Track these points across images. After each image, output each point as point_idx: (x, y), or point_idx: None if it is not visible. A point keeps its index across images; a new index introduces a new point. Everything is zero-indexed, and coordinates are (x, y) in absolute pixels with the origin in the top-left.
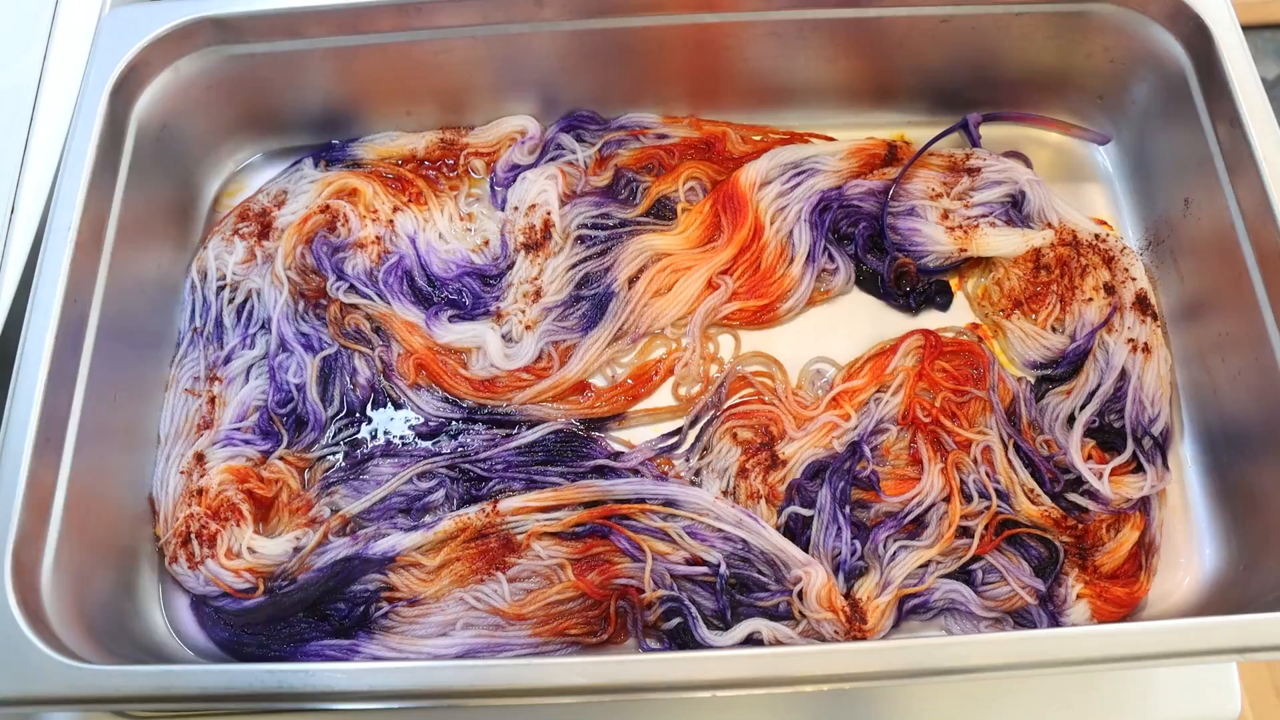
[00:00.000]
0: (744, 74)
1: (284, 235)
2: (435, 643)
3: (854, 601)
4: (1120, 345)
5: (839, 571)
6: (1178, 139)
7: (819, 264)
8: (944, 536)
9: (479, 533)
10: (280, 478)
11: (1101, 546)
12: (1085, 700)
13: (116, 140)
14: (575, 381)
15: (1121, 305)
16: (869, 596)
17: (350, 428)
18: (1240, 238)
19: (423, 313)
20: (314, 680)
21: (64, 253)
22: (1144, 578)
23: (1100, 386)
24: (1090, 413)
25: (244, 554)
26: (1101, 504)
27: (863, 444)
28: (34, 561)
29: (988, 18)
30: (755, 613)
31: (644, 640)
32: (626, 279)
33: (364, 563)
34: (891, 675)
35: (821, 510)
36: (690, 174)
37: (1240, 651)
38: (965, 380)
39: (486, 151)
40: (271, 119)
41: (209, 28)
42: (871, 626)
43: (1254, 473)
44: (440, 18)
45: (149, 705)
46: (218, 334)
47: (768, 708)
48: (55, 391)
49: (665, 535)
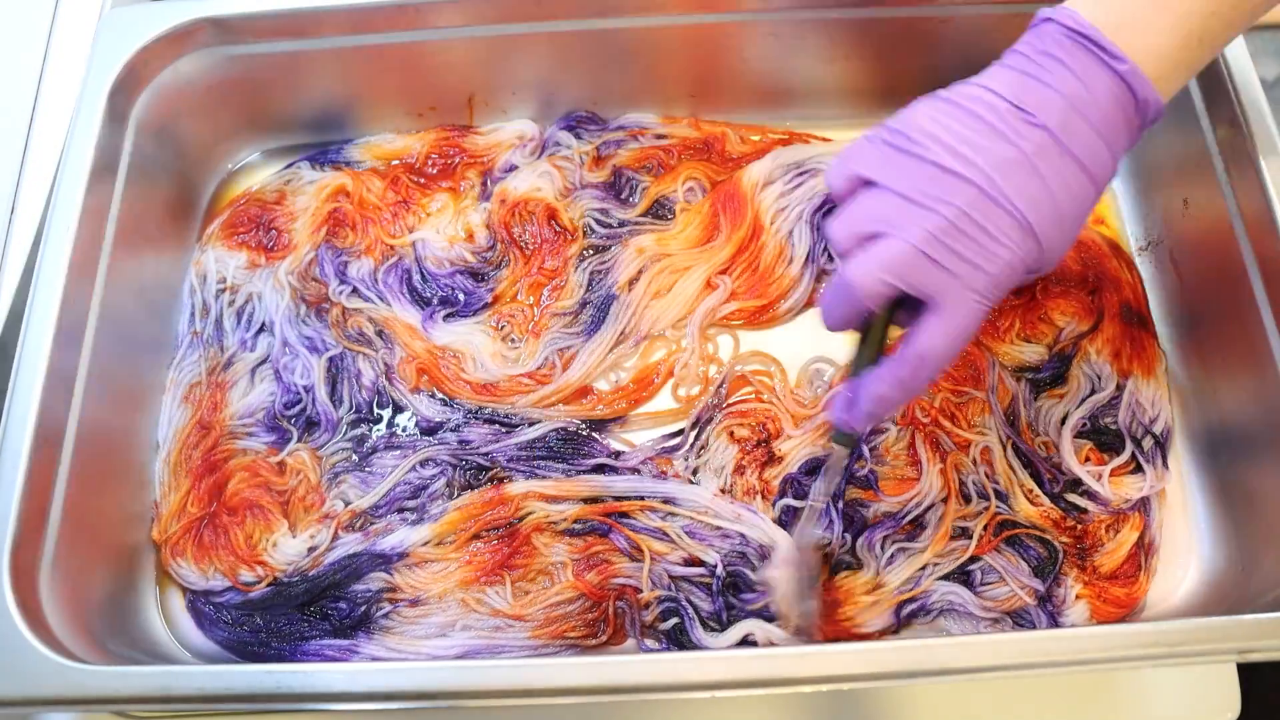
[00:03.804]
0: (744, 74)
1: (288, 241)
2: (434, 643)
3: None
4: (1108, 349)
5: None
6: (1176, 139)
7: (819, 264)
8: (939, 537)
9: (487, 524)
10: (302, 469)
11: (1101, 547)
12: (1084, 700)
13: (116, 140)
14: (578, 387)
15: (1109, 309)
16: (857, 591)
17: (360, 425)
18: (1240, 238)
19: (420, 313)
20: (313, 681)
21: (64, 253)
22: (1143, 578)
23: (1093, 393)
24: (1081, 415)
25: (267, 550)
26: (1101, 505)
27: (862, 443)
28: (32, 562)
29: (988, 18)
30: (746, 615)
31: (643, 641)
32: (627, 281)
33: (371, 558)
34: (891, 675)
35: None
36: (689, 174)
37: (1240, 652)
38: (964, 380)
39: (486, 154)
40: (270, 119)
41: (209, 28)
42: (850, 617)
43: (1253, 473)
44: (439, 18)
45: (148, 706)
46: (217, 336)
47: (767, 708)
48: (54, 392)
49: (664, 534)
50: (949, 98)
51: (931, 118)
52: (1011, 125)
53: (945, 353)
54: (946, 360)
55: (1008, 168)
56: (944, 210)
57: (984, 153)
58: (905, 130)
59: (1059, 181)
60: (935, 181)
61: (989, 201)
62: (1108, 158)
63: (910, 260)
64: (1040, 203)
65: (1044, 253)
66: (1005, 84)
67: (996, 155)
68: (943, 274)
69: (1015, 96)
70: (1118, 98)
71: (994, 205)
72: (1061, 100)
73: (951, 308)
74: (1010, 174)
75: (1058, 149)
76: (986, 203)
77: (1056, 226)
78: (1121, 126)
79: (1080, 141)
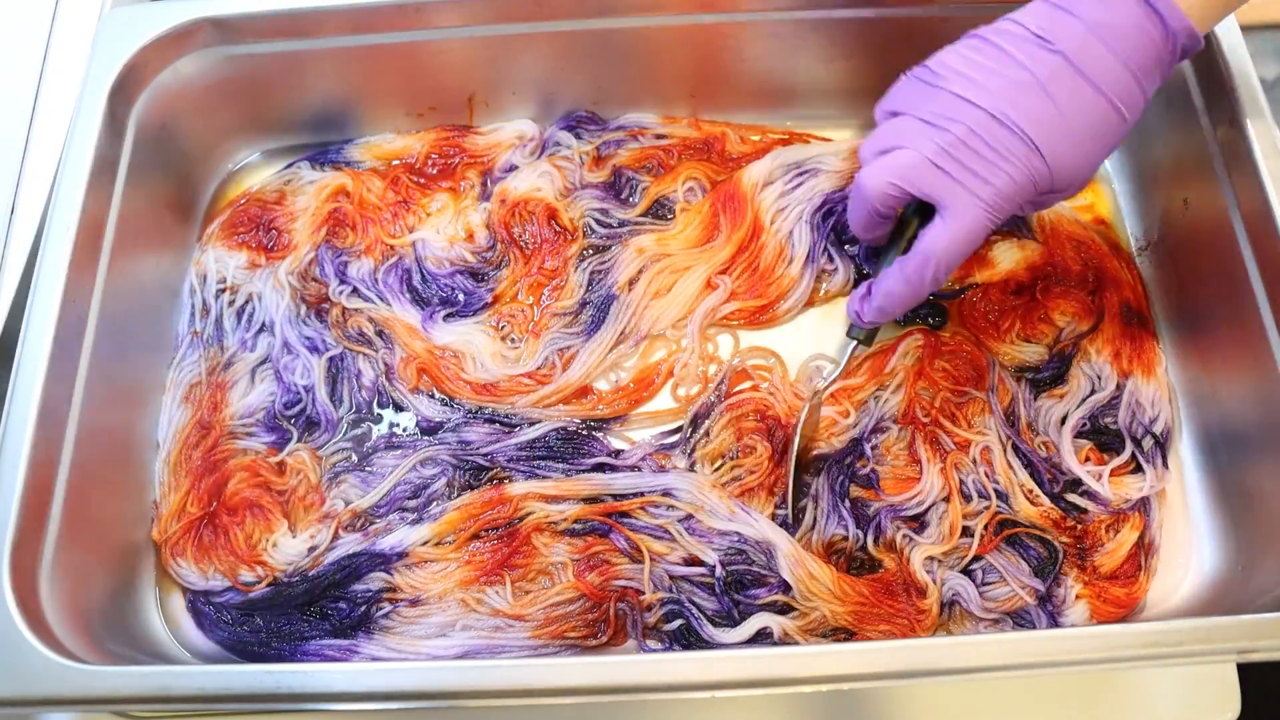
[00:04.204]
0: (744, 74)
1: (288, 241)
2: (434, 643)
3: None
4: (1108, 349)
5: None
6: (1177, 139)
7: (818, 265)
8: (947, 535)
9: (487, 524)
10: (302, 469)
11: (1101, 547)
12: (1085, 700)
13: (116, 140)
14: (578, 387)
15: (1109, 309)
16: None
17: (360, 425)
18: (1240, 238)
19: (420, 313)
20: (312, 681)
21: (64, 253)
22: (1143, 578)
23: (1093, 393)
24: (1081, 415)
25: (267, 550)
26: (1101, 505)
27: (863, 441)
28: (32, 562)
29: (987, 18)
30: (758, 609)
31: (644, 642)
32: (627, 281)
33: (371, 558)
34: (891, 675)
35: (818, 499)
36: (689, 174)
37: (1240, 652)
38: (964, 380)
39: (486, 154)
40: (270, 119)
41: (208, 28)
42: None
43: (1253, 473)
44: (439, 18)
45: (148, 706)
46: (217, 336)
47: (767, 708)
48: (55, 391)
49: (664, 532)
50: (979, 33)
51: (959, 53)
52: (1027, 52)
53: (948, 254)
54: (951, 262)
55: (1016, 91)
56: (954, 129)
57: (996, 78)
58: (933, 66)
59: (1071, 104)
60: (950, 106)
61: (995, 122)
62: (1133, 85)
63: (918, 167)
64: (1047, 123)
65: (1054, 171)
66: (1033, 15)
67: (1008, 80)
68: (949, 181)
69: (1038, 26)
70: (1143, 24)
71: (999, 125)
72: (1081, 26)
73: (957, 213)
74: (1018, 97)
75: (1071, 72)
76: (993, 123)
77: (1067, 145)
78: (1150, 55)
79: (1098, 66)
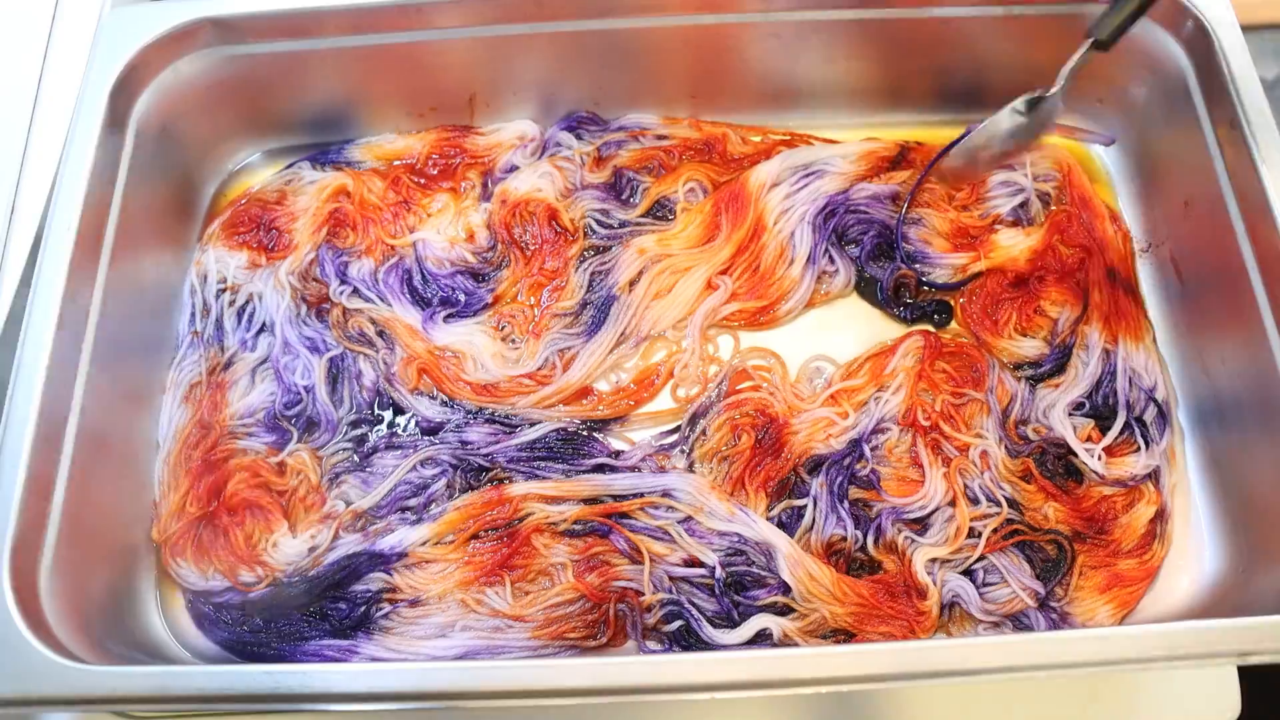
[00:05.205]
0: (745, 75)
1: (289, 241)
2: (434, 644)
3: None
4: (1095, 314)
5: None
6: (1178, 140)
7: (819, 265)
8: (953, 538)
9: (487, 524)
10: (302, 469)
11: (1117, 521)
12: (1086, 701)
13: (116, 140)
14: (579, 388)
15: (1094, 275)
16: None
17: (361, 426)
18: (1240, 238)
19: (420, 313)
20: (312, 681)
21: (64, 253)
22: (1157, 546)
23: (1088, 366)
24: (1079, 392)
25: (267, 550)
26: (1111, 482)
27: (863, 443)
28: (32, 562)
29: (987, 19)
30: (756, 611)
31: (644, 643)
32: (627, 281)
33: (371, 559)
34: (891, 677)
35: (817, 500)
36: (690, 175)
37: (1240, 655)
38: (965, 382)
39: (487, 155)
40: (271, 119)
41: (209, 28)
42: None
43: (1254, 476)
44: (440, 18)
45: (147, 706)
46: (218, 336)
47: (767, 710)
48: (55, 392)
49: (664, 533)
50: None
51: None
52: None
53: None
54: None
55: None
56: None
57: None
58: None
59: None
60: None
61: None
62: None
63: None
64: None
65: None
66: None
67: None
68: None
69: None
70: None
71: None
72: None
73: None
74: None
75: None
76: None
77: None
78: None
79: None
